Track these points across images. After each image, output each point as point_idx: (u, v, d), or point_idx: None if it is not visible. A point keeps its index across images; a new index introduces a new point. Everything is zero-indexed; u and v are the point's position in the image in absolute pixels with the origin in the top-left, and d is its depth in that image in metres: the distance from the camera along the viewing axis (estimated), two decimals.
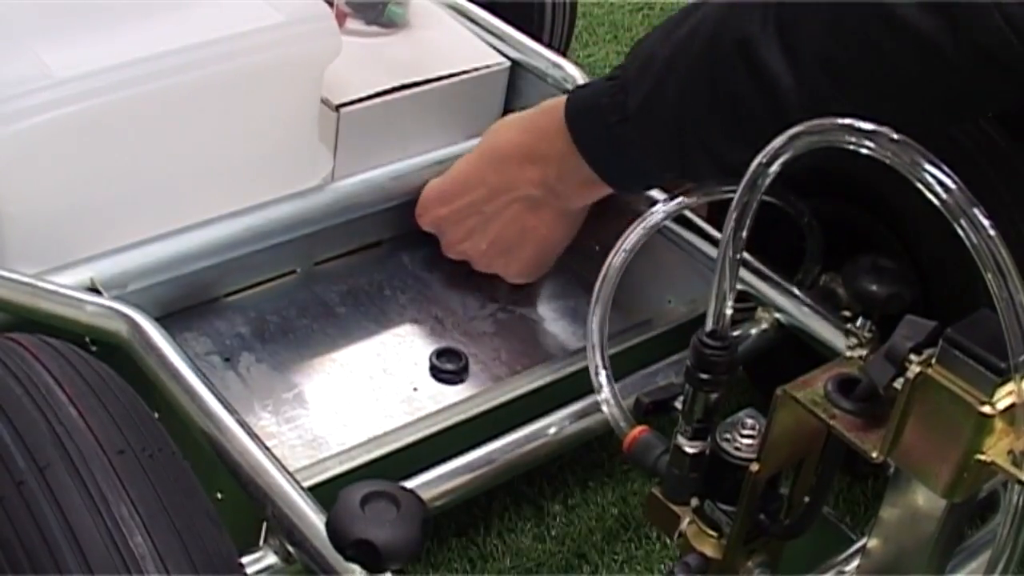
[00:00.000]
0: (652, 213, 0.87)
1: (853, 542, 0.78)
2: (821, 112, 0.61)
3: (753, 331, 0.95)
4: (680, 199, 0.89)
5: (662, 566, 1.00)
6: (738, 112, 0.81)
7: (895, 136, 0.58)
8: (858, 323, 0.88)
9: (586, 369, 0.83)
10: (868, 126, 0.59)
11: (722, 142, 0.83)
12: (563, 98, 0.92)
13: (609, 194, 0.95)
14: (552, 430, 0.85)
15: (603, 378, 0.81)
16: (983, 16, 0.70)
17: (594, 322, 0.82)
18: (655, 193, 0.97)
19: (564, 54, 1.28)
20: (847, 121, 0.60)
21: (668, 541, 0.99)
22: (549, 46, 1.18)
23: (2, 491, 0.57)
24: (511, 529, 1.02)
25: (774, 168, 0.64)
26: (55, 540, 0.55)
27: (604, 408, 0.80)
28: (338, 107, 1.01)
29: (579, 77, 1.09)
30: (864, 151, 0.59)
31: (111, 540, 0.55)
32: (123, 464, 0.58)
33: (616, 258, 0.85)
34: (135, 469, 0.59)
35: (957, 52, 0.72)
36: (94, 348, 0.84)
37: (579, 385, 0.85)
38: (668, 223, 0.92)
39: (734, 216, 0.66)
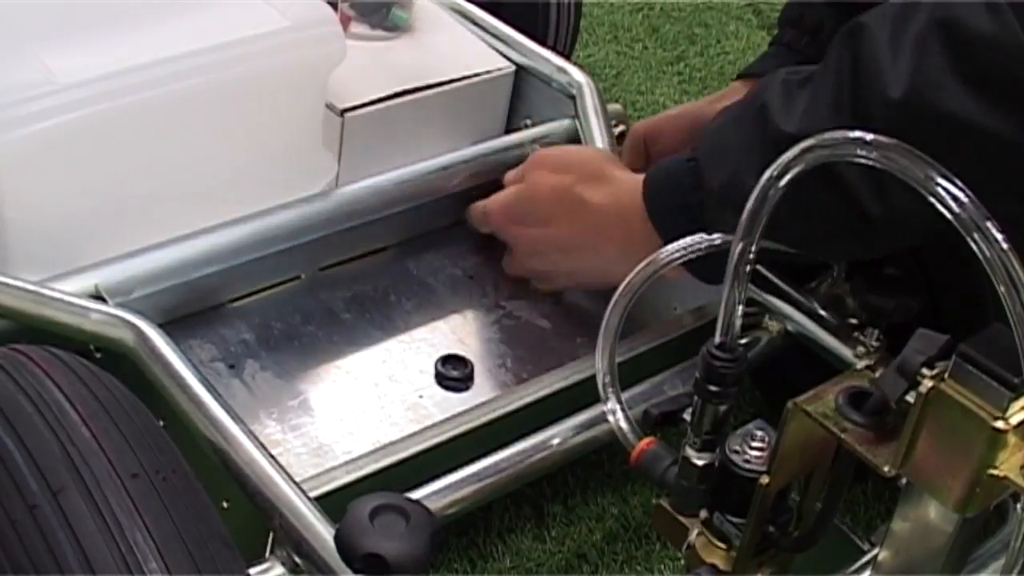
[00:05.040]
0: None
1: (863, 552, 0.78)
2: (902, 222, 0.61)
3: (760, 339, 0.95)
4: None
5: (662, 566, 1.01)
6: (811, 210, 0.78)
7: (906, 148, 0.58)
8: (865, 332, 0.88)
9: (593, 377, 0.82)
10: (879, 139, 0.59)
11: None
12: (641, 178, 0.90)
13: None
14: (560, 440, 0.85)
15: (611, 394, 0.80)
16: None
17: (605, 345, 0.81)
18: None
19: (568, 56, 1.27)
20: (858, 134, 0.60)
21: (668, 542, 0.99)
22: (554, 48, 1.18)
23: (15, 515, 0.57)
24: (511, 529, 1.02)
25: (784, 181, 0.63)
26: (69, 566, 0.55)
27: (612, 421, 0.79)
28: (343, 112, 1.00)
29: (584, 82, 1.08)
30: (876, 164, 0.59)
31: (125, 566, 0.55)
32: (137, 488, 0.58)
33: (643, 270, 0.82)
34: (149, 493, 0.58)
35: None
36: (98, 355, 0.84)
37: (586, 393, 0.84)
38: None
39: (744, 229, 0.65)
